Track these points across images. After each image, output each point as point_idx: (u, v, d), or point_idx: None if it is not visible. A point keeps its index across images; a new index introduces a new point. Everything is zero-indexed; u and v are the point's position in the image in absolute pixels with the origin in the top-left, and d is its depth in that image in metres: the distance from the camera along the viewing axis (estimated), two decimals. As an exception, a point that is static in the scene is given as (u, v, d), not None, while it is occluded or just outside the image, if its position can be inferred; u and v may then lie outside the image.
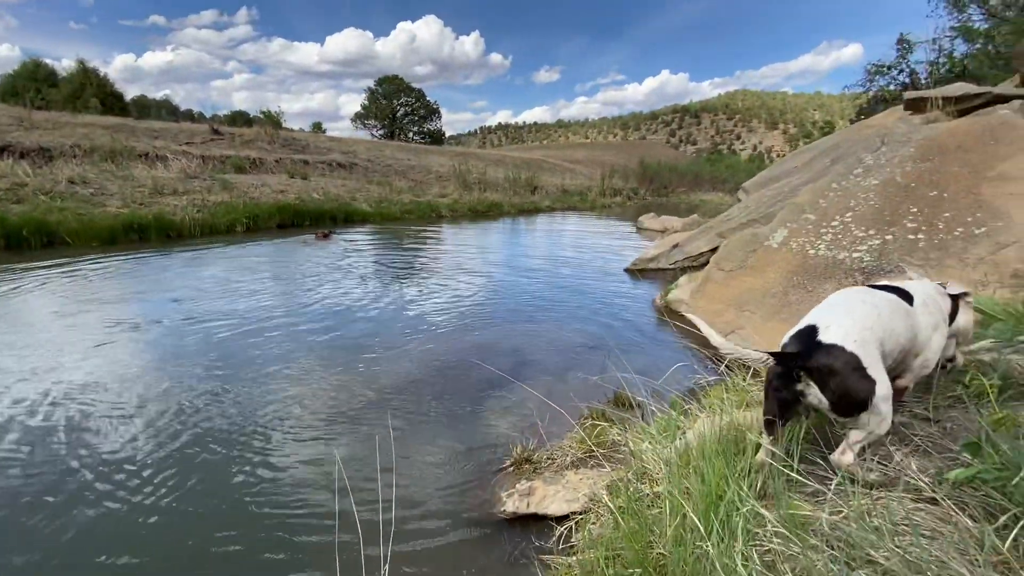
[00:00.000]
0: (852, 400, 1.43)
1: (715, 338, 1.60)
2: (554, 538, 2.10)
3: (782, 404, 1.53)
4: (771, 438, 1.59)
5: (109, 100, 29.57)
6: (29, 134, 13.78)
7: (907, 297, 1.72)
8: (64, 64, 46.09)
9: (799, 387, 1.49)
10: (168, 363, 3.91)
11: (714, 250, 6.47)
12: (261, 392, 3.49)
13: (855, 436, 1.50)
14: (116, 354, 4.05)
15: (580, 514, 2.15)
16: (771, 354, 1.50)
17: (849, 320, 1.51)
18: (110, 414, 3.13)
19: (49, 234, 8.52)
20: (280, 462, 2.71)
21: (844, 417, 1.48)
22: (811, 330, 1.52)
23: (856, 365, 1.42)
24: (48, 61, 33.35)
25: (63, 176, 11.08)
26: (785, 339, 1.60)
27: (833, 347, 1.45)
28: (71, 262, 7.31)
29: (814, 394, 1.47)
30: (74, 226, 8.81)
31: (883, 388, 1.44)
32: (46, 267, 6.94)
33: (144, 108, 40.56)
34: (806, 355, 1.47)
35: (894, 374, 1.69)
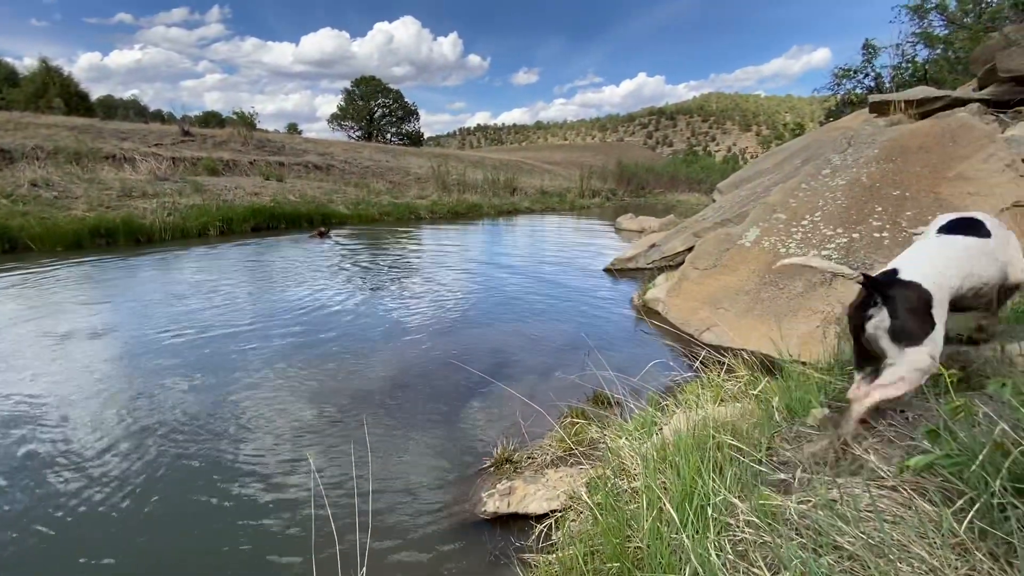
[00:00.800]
0: (910, 328, 1.59)
1: (813, 261, 1.81)
2: (534, 536, 2.11)
3: (856, 331, 1.71)
4: (860, 373, 1.74)
5: (73, 100, 28.67)
6: (-13, 135, 13.25)
7: (982, 228, 1.89)
8: (25, 63, 44.52)
9: (870, 312, 1.65)
10: (135, 369, 3.80)
11: (690, 249, 6.58)
12: (233, 395, 3.42)
13: (888, 375, 1.60)
14: (77, 362, 3.92)
15: (560, 512, 2.16)
16: (863, 275, 1.69)
17: (929, 266, 1.72)
18: (70, 423, 3.03)
19: (10, 239, 8.20)
20: (253, 465, 2.66)
21: (896, 343, 1.60)
22: (894, 271, 1.72)
23: (927, 300, 1.61)
24: (8, 60, 32.24)
25: (25, 179, 10.67)
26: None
27: (911, 282, 1.65)
28: (33, 268, 7.05)
29: (881, 317, 1.62)
30: (37, 231, 8.48)
31: (938, 335, 1.59)
32: (6, 274, 6.67)
33: (111, 108, 39.30)
34: (887, 284, 1.67)
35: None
